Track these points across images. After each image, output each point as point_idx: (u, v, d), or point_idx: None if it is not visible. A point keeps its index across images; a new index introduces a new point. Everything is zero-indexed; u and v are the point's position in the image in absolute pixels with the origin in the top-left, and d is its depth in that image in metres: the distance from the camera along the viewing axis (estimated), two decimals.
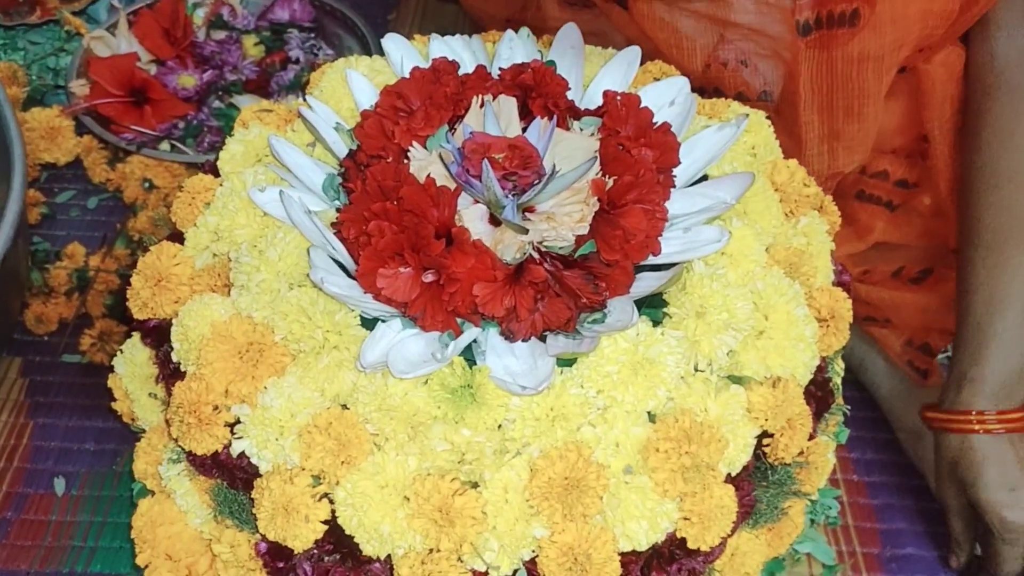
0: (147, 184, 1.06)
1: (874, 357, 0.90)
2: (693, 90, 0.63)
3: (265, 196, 0.56)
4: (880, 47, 0.67)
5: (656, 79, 0.66)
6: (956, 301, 0.73)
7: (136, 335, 0.64)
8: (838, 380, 0.63)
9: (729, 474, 0.53)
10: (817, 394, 0.57)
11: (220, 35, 1.19)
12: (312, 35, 1.21)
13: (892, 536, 0.86)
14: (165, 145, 1.07)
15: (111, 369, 0.91)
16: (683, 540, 0.52)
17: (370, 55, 1.17)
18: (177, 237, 0.62)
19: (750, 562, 0.56)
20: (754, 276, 0.54)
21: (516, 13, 0.84)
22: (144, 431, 0.66)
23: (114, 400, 0.68)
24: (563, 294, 0.52)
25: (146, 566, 0.60)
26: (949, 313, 0.78)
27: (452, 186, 0.55)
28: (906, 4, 0.67)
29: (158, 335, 0.58)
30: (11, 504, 0.84)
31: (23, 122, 1.04)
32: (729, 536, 0.53)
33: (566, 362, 0.52)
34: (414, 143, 0.58)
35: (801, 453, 0.56)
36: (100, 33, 1.14)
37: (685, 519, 0.51)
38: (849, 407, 0.65)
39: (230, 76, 1.14)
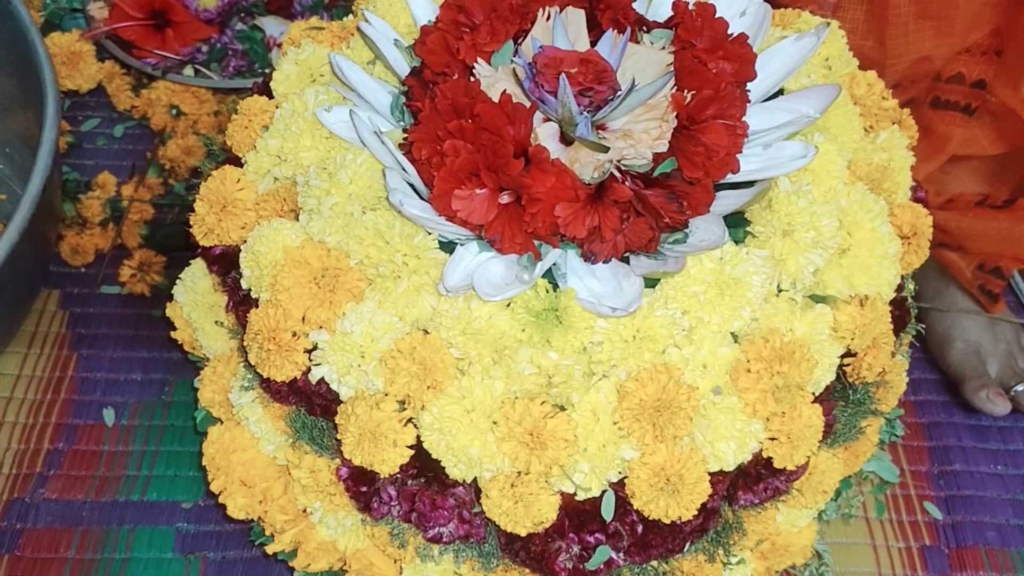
0: (174, 111, 1.03)
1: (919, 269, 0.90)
2: None
3: (332, 116, 0.54)
4: None
5: None
6: None
7: (196, 262, 0.62)
8: (911, 297, 0.62)
9: (813, 394, 0.52)
10: (896, 312, 0.56)
11: None
12: None
13: (940, 453, 0.86)
14: (189, 70, 1.04)
15: (152, 300, 0.91)
16: (769, 460, 0.51)
17: None
18: (233, 162, 0.60)
19: (828, 480, 0.56)
20: (838, 193, 0.53)
21: None
22: (205, 360, 0.66)
23: (173, 329, 0.68)
24: (645, 213, 0.51)
25: (220, 492, 0.60)
26: None
27: (523, 104, 0.53)
28: None
29: (225, 262, 0.57)
30: (62, 435, 0.84)
31: None
32: (812, 456, 0.53)
33: (649, 283, 0.51)
34: (479, 60, 0.56)
35: (881, 372, 0.55)
36: None
37: (772, 439, 0.51)
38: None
39: None
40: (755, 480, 0.52)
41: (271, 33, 1.07)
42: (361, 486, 0.53)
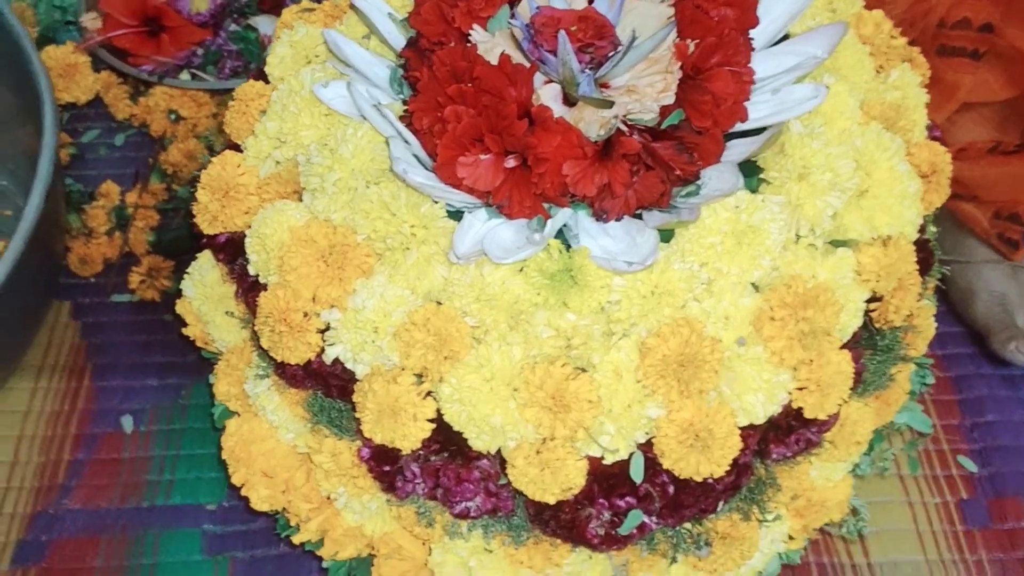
0: (173, 116, 1.02)
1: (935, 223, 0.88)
2: None
3: (330, 92, 0.53)
4: None
5: None
6: None
7: (203, 255, 0.61)
8: (934, 240, 0.60)
9: (841, 340, 0.51)
10: (920, 254, 0.55)
11: None
12: None
13: (971, 405, 0.85)
14: (185, 74, 1.04)
15: (163, 305, 0.91)
16: (799, 410, 0.50)
17: None
18: (234, 150, 0.59)
19: (860, 430, 0.55)
20: (852, 133, 0.51)
21: None
22: (218, 356, 0.65)
23: (184, 326, 0.67)
24: (655, 167, 0.49)
25: (242, 485, 0.60)
26: None
27: (523, 65, 0.52)
28: None
29: (231, 249, 0.56)
30: (82, 445, 0.84)
31: None
32: (843, 405, 0.51)
33: (665, 237, 0.49)
34: (475, 26, 0.55)
35: (909, 316, 0.54)
36: None
37: (802, 388, 0.49)
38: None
39: None
40: (786, 432, 0.51)
41: (265, 32, 1.07)
42: (384, 466, 0.52)
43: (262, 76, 0.61)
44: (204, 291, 0.61)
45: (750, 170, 0.51)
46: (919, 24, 0.72)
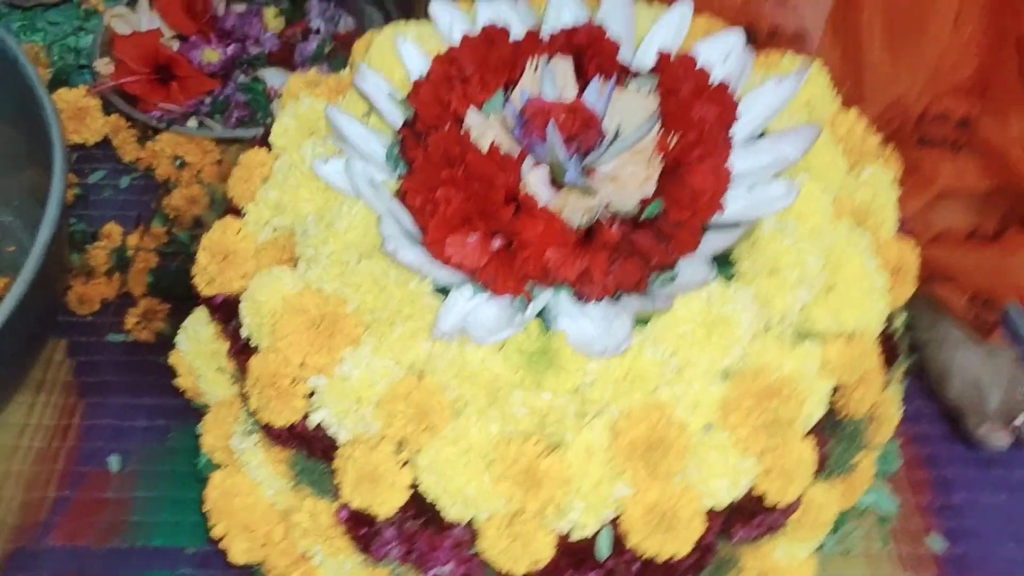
0: (179, 162, 1.05)
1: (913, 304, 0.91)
2: None
3: (329, 168, 0.56)
4: None
5: (707, 32, 0.66)
6: None
7: (199, 310, 0.64)
8: (901, 331, 0.63)
9: (804, 429, 0.53)
10: (885, 347, 0.57)
11: (240, 8, 1.17)
12: (331, 4, 1.19)
13: (942, 485, 0.86)
14: (193, 122, 1.07)
15: (157, 347, 0.92)
16: (762, 496, 0.52)
17: (391, 21, 1.16)
18: (234, 212, 0.62)
19: (825, 514, 0.57)
20: (823, 230, 0.54)
21: None
22: (207, 407, 0.67)
23: (175, 376, 0.69)
24: (634, 255, 0.52)
25: (221, 537, 0.61)
26: (1018, 271, 0.79)
27: (513, 151, 0.55)
28: None
29: (227, 310, 0.58)
30: (68, 482, 0.85)
31: None
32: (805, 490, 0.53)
33: (639, 323, 0.52)
34: (470, 109, 0.58)
35: (872, 406, 0.56)
36: (120, 10, 1.13)
37: (765, 475, 0.51)
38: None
39: (253, 49, 1.13)
40: (750, 515, 0.53)
41: (272, 84, 1.10)
42: (361, 528, 0.54)
43: (266, 142, 0.64)
44: (198, 346, 0.63)
45: (723, 262, 0.54)
46: (897, 120, 0.76)
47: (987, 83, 0.78)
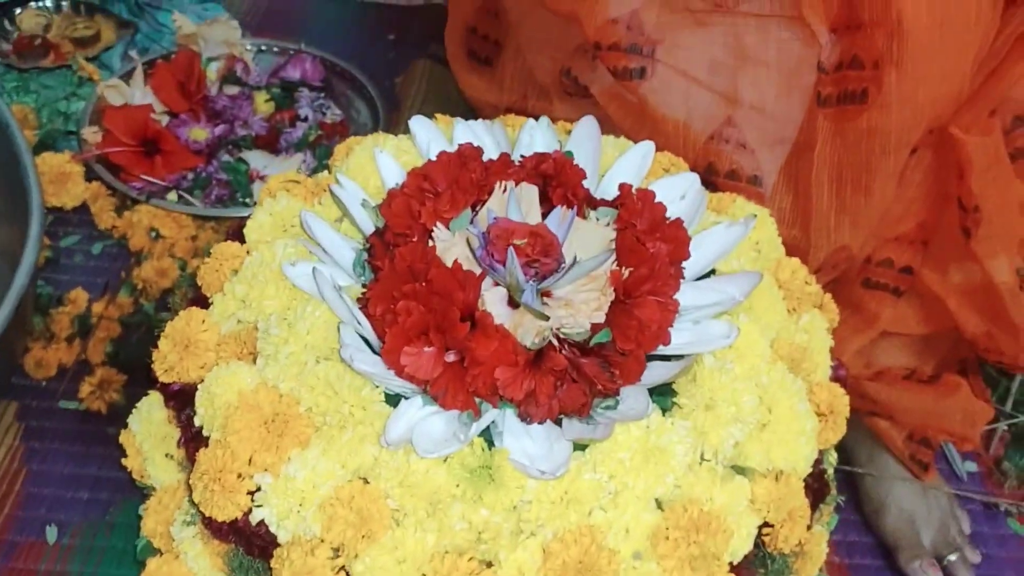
0: (154, 234, 1.07)
1: (853, 435, 0.94)
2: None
3: (296, 270, 0.58)
4: (887, 125, 0.72)
5: (666, 170, 0.70)
6: None
7: (154, 394, 0.65)
8: (831, 471, 0.65)
9: (731, 563, 0.55)
10: (814, 486, 0.60)
11: (233, 90, 1.21)
12: (322, 95, 1.24)
13: None
14: (172, 195, 1.09)
15: (108, 418, 0.92)
16: None
17: (377, 116, 1.21)
18: (201, 301, 0.64)
19: None
20: (759, 371, 0.57)
21: (517, 102, 0.88)
22: (152, 489, 0.67)
23: (124, 455, 0.69)
24: (580, 380, 0.55)
25: None
26: (952, 416, 0.83)
27: (474, 268, 0.58)
28: (914, 88, 0.71)
29: (182, 399, 0.60)
30: (0, 551, 0.83)
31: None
32: None
33: (579, 446, 0.54)
34: (438, 224, 0.61)
35: (798, 543, 0.58)
36: (115, 82, 1.16)
37: None
38: (842, 497, 0.68)
39: (240, 131, 1.16)
40: None
41: (255, 166, 1.13)
42: None
43: (240, 235, 0.67)
44: (149, 428, 0.64)
45: (665, 392, 0.57)
46: (840, 267, 0.80)
47: (929, 237, 0.83)
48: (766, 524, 0.57)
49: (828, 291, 0.70)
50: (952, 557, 0.88)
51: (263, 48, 1.28)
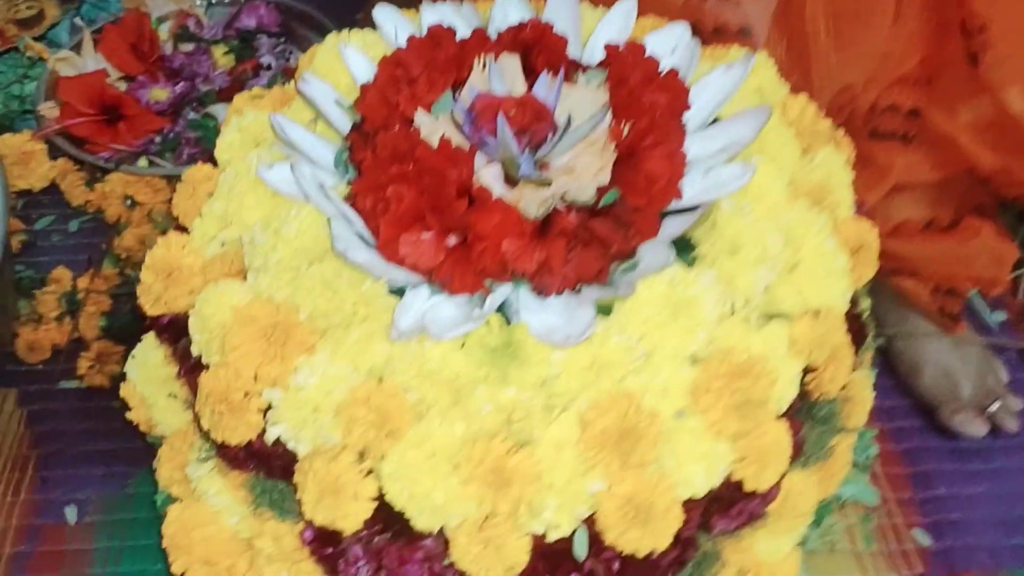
0: (129, 201, 1.03)
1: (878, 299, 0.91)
2: None
3: (274, 174, 0.54)
4: None
5: (651, 30, 0.66)
6: None
7: (147, 337, 0.61)
8: (867, 314, 0.62)
9: (777, 411, 0.52)
10: (852, 327, 0.56)
11: (188, 47, 1.16)
12: (282, 40, 1.19)
13: (921, 479, 0.85)
14: (143, 161, 1.05)
15: (111, 391, 0.89)
16: (740, 483, 0.50)
17: None
18: (181, 231, 0.60)
19: (804, 502, 0.55)
20: (780, 210, 0.53)
21: None
22: (162, 441, 0.64)
23: (128, 410, 0.66)
24: (593, 243, 0.51)
25: (183, 574, 0.58)
26: (976, 259, 0.79)
27: (463, 147, 0.54)
28: None
29: (174, 330, 0.56)
30: (24, 537, 0.81)
31: None
32: (783, 476, 0.52)
33: (604, 311, 0.50)
34: (419, 110, 0.57)
35: (845, 387, 0.55)
36: (65, 54, 1.11)
37: (741, 460, 0.50)
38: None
39: (203, 87, 1.12)
40: (728, 505, 0.51)
41: (223, 120, 1.08)
42: (326, 548, 0.51)
43: (213, 161, 0.63)
44: (147, 373, 0.61)
45: (684, 246, 0.53)
46: (846, 110, 0.76)
47: (933, 74, 0.79)
48: (808, 370, 0.54)
49: None
50: (994, 406, 0.85)
51: (214, 1, 1.22)
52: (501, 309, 0.51)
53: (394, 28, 0.62)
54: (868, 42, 0.70)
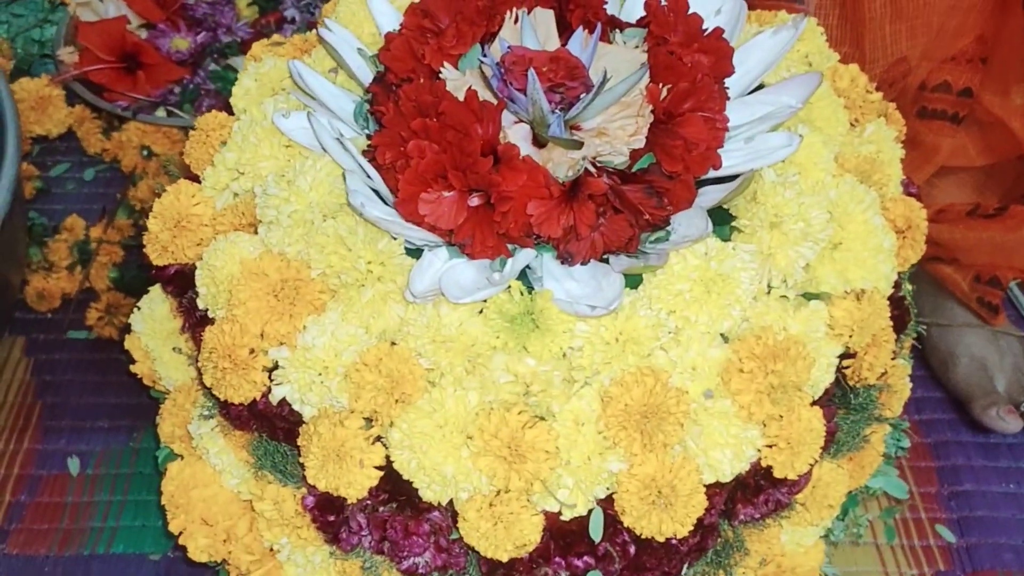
0: (145, 152, 1.01)
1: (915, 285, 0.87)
2: None
3: (290, 122, 0.51)
4: None
5: None
6: None
7: (155, 288, 0.59)
8: (909, 299, 0.59)
9: (812, 397, 0.49)
10: (895, 312, 0.53)
11: None
12: None
13: (949, 473, 0.82)
14: (161, 111, 1.03)
15: (120, 343, 0.87)
16: (768, 469, 0.48)
17: None
18: (193, 180, 0.57)
19: (833, 493, 0.53)
20: (826, 185, 0.50)
21: None
22: (167, 394, 0.62)
23: (132, 363, 0.64)
24: (624, 210, 0.48)
25: (179, 533, 0.56)
26: (1020, 249, 0.76)
27: (491, 102, 0.51)
28: None
29: (180, 282, 0.54)
30: (24, 487, 0.80)
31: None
32: (813, 465, 0.49)
33: (632, 283, 0.48)
34: (446, 63, 0.54)
35: (883, 374, 0.52)
36: None
37: (771, 445, 0.47)
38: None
39: (224, 38, 1.09)
40: (755, 492, 0.48)
41: None
42: (329, 515, 0.49)
43: (229, 109, 0.60)
44: (153, 326, 0.59)
45: (722, 217, 0.50)
46: (898, 85, 0.73)
47: (989, 53, 0.75)
48: (846, 355, 0.50)
49: None
50: None
51: None
52: (523, 276, 0.48)
53: None
54: (926, 13, 0.66)
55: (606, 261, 0.49)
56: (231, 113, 0.60)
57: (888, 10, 0.67)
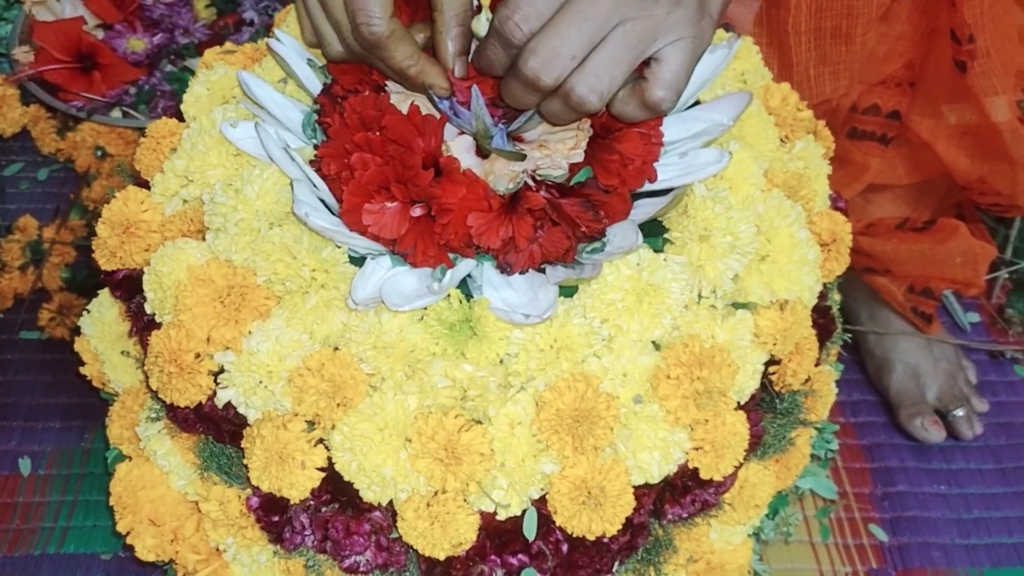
0: (100, 152, 1.01)
1: (852, 294, 0.90)
2: None
3: (238, 132, 0.53)
4: None
5: None
6: None
7: (104, 292, 0.60)
8: (836, 308, 0.62)
9: (738, 403, 0.51)
10: (820, 321, 0.56)
11: None
12: None
13: (882, 474, 0.85)
14: (117, 112, 1.02)
15: (72, 344, 0.88)
16: (695, 471, 0.50)
17: None
18: (143, 186, 0.58)
19: (760, 494, 0.55)
20: (755, 200, 0.52)
21: None
22: (116, 396, 0.63)
23: (82, 365, 0.65)
24: (561, 222, 0.50)
25: (127, 533, 0.57)
26: (951, 261, 0.79)
27: (433, 116, 0.53)
28: None
29: (129, 286, 0.55)
30: None
31: None
32: (739, 467, 0.51)
33: (567, 292, 0.49)
34: None
35: (807, 380, 0.54)
36: None
37: (697, 448, 0.49)
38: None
39: (181, 39, 1.09)
40: (682, 493, 0.50)
41: None
42: (272, 515, 0.50)
43: (180, 116, 0.61)
44: (102, 329, 0.59)
45: (654, 230, 0.52)
46: (823, 120, 0.75)
47: (917, 78, 0.78)
48: (772, 362, 0.53)
49: None
50: (959, 412, 0.85)
51: None
52: (463, 284, 0.50)
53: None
54: (849, 59, 0.69)
55: (543, 270, 0.50)
56: (181, 118, 0.61)
57: (812, 54, 0.69)
